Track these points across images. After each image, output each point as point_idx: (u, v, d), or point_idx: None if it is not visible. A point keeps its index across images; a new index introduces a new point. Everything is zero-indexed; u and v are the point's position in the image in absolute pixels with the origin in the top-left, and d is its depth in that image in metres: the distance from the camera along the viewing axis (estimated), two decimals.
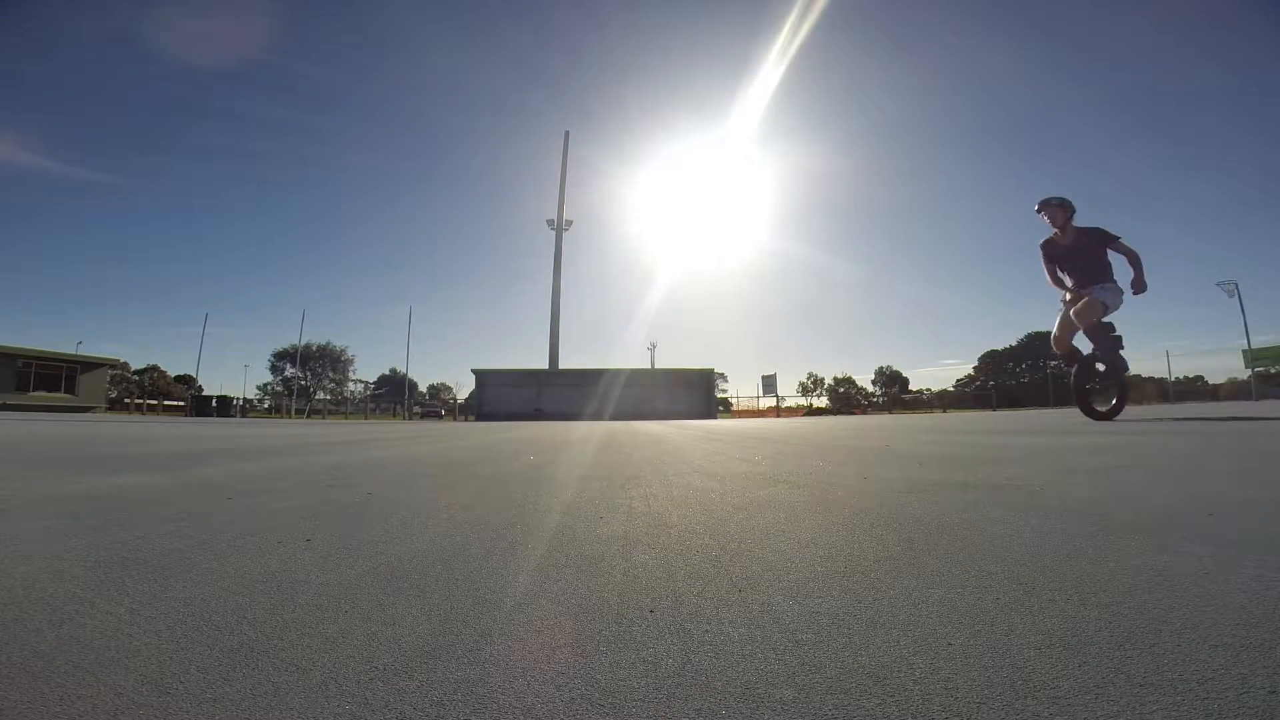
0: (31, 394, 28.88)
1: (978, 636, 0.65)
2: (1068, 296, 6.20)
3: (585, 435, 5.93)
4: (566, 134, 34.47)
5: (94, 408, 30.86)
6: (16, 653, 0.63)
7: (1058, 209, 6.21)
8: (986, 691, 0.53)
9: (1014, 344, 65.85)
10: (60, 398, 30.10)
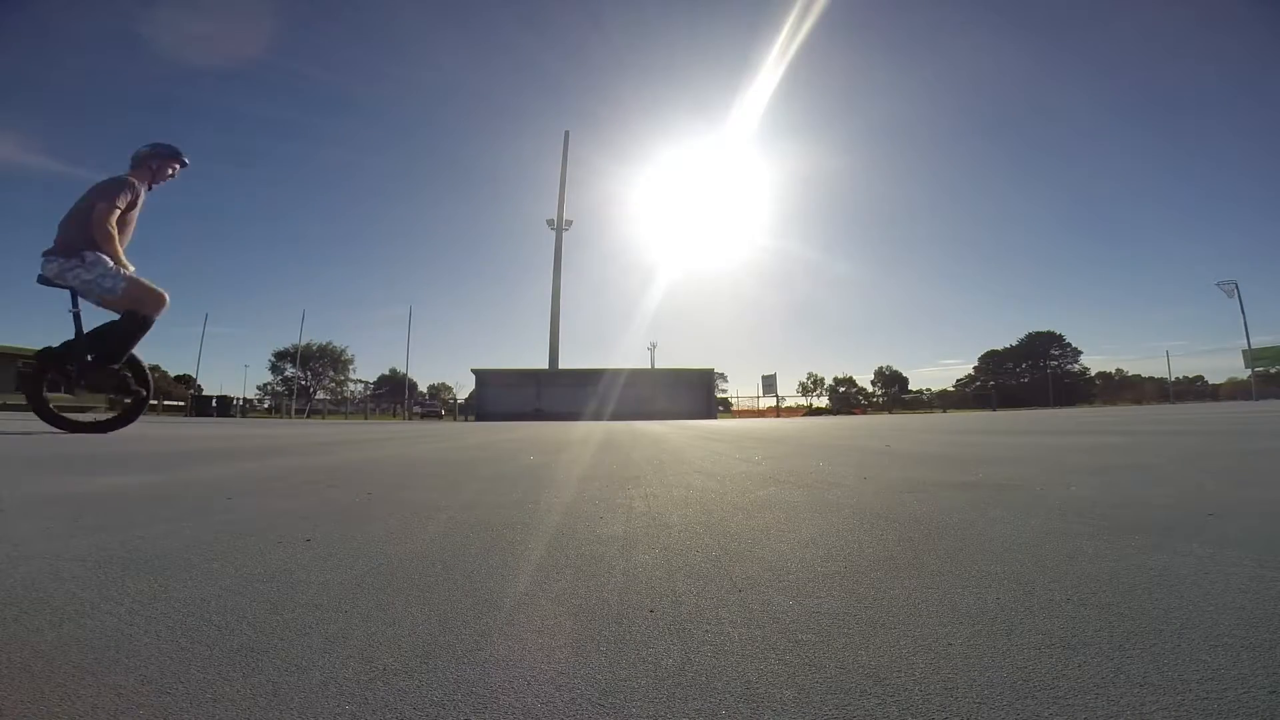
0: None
1: (978, 636, 0.65)
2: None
3: (585, 436, 5.93)
4: (566, 134, 34.52)
5: (94, 408, 30.83)
6: (17, 653, 0.63)
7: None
8: (987, 692, 0.53)
9: (1014, 344, 65.92)
10: (60, 398, 30.07)
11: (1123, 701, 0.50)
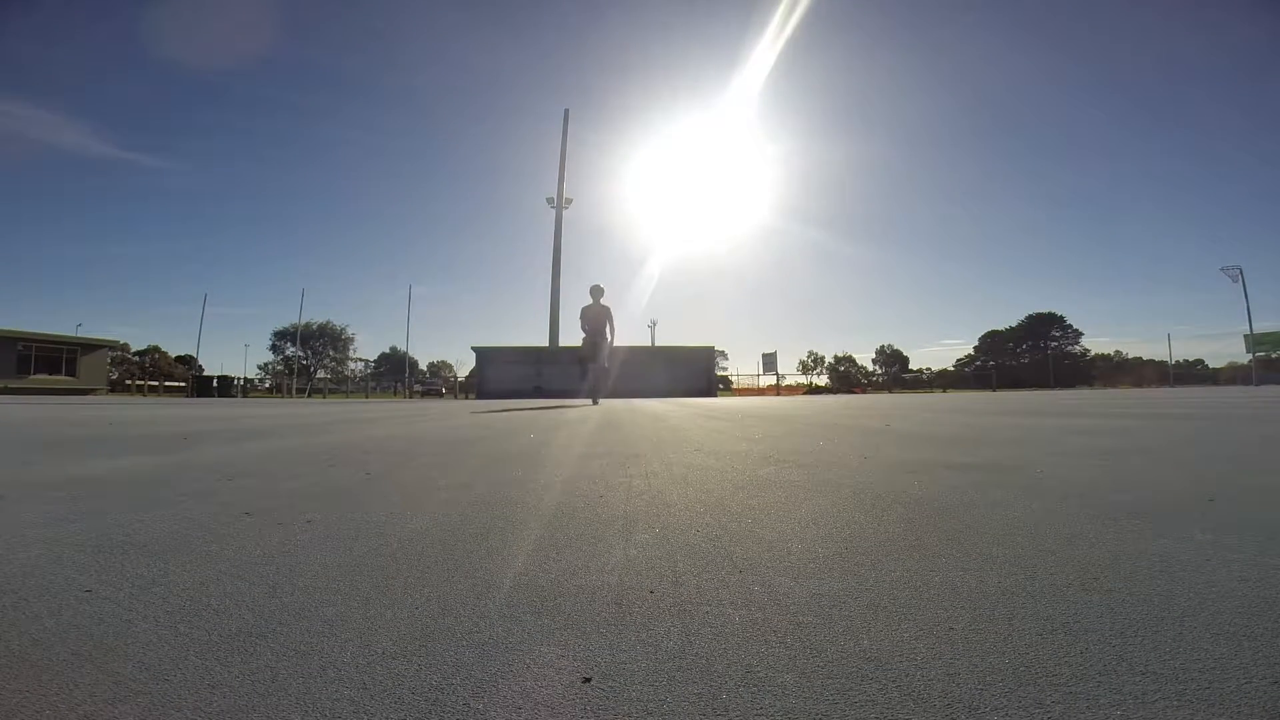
0: (32, 377, 28.82)
1: (979, 621, 0.65)
2: None
3: (585, 413, 5.95)
4: (566, 112, 33.73)
5: (95, 390, 30.88)
6: (15, 641, 0.63)
7: None
8: (989, 678, 0.53)
9: (1015, 324, 65.84)
10: (61, 380, 30.09)
11: (1125, 690, 0.50)
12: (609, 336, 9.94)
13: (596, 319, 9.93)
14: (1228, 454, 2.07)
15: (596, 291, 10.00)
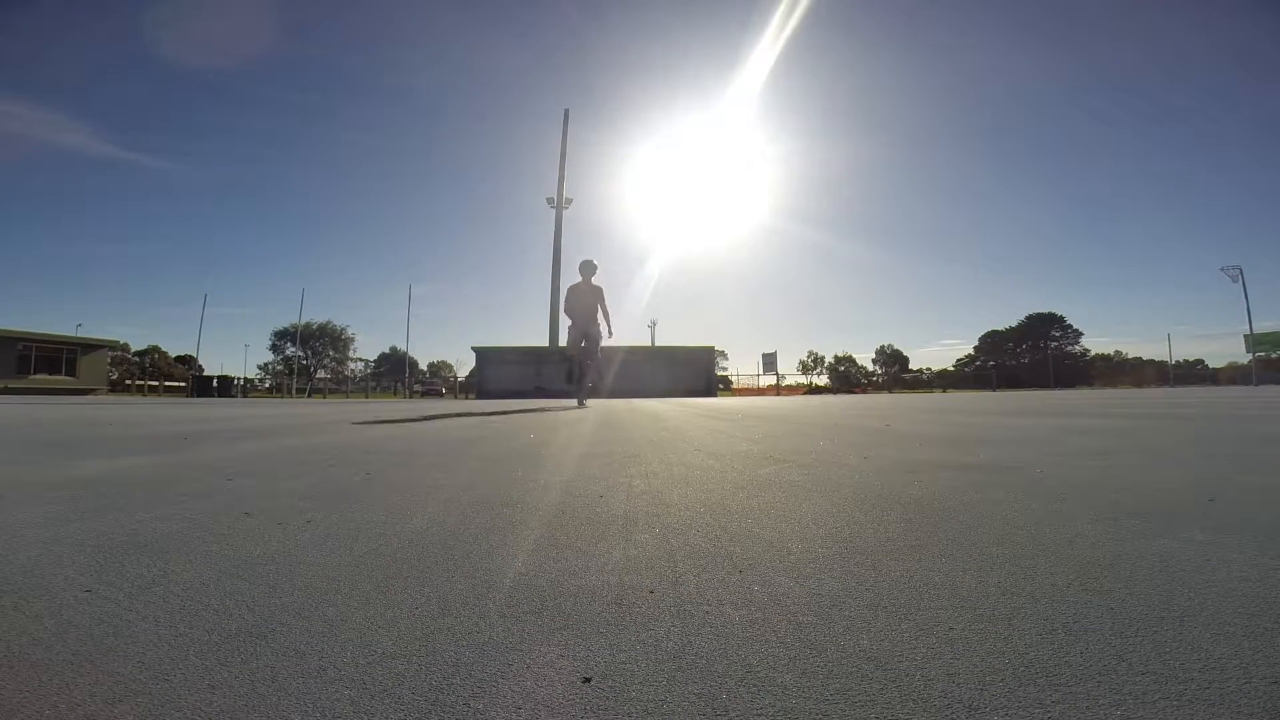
0: (32, 377, 28.83)
1: (979, 621, 0.65)
2: None
3: (584, 413, 5.95)
4: (566, 112, 33.91)
5: (95, 390, 30.87)
6: (16, 640, 0.63)
7: None
8: (989, 678, 0.53)
9: (1015, 324, 65.89)
10: (61, 380, 30.07)
11: (1125, 690, 0.50)
12: (602, 324, 8.23)
13: (586, 303, 8.16)
14: (1228, 454, 2.07)
15: (587, 268, 8.20)
